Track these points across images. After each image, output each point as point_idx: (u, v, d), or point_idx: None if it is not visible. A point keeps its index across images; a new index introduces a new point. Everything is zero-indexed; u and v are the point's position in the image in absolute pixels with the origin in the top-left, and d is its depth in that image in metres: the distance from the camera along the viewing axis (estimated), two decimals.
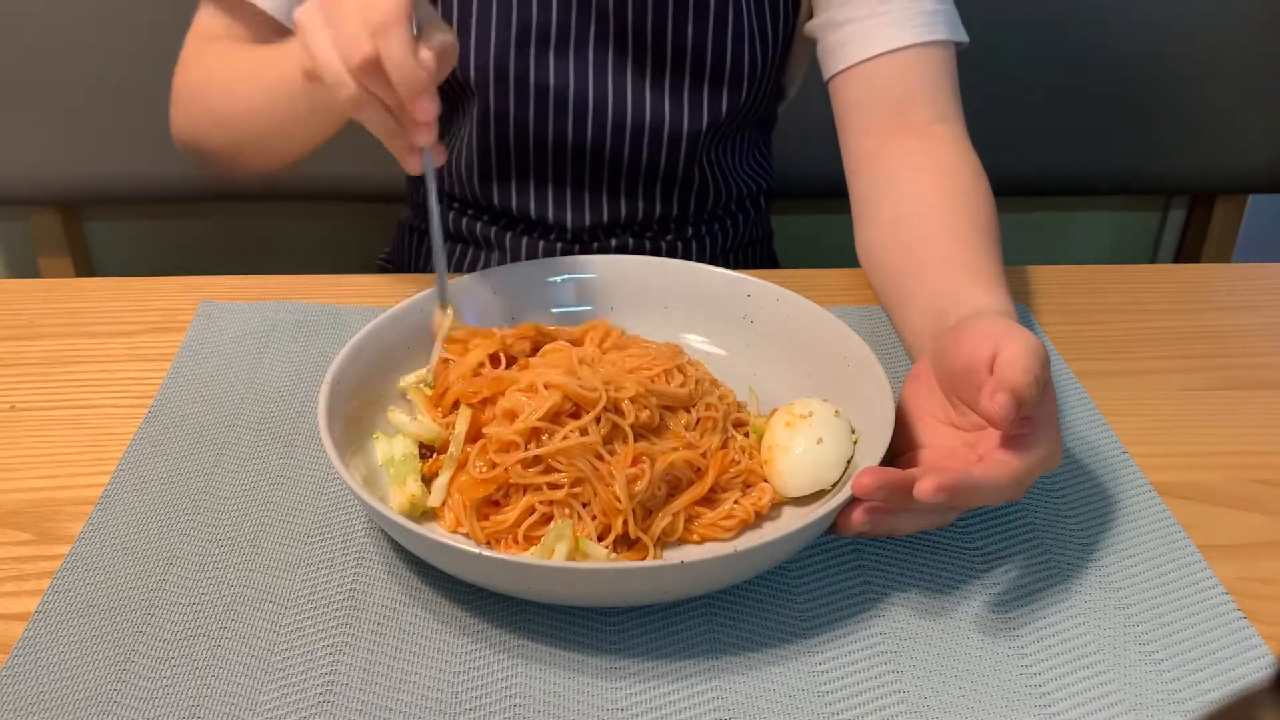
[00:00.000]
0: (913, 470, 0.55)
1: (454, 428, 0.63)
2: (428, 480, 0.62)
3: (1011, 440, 0.57)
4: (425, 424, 0.64)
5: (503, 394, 0.62)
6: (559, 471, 0.59)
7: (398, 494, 0.60)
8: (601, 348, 0.69)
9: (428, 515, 0.61)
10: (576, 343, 0.69)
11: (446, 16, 0.86)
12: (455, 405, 0.65)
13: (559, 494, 0.59)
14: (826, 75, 0.86)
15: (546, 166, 0.92)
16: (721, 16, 0.87)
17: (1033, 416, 0.57)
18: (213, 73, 0.84)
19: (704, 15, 0.87)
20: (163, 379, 0.74)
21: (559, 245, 0.95)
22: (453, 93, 0.91)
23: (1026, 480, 0.56)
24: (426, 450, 0.64)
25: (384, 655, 0.54)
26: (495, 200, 0.94)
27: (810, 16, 0.88)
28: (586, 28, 0.87)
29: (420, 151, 0.67)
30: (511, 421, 0.60)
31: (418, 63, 0.61)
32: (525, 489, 0.59)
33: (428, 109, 0.63)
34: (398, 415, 0.65)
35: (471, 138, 0.91)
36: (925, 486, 0.52)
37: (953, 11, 0.84)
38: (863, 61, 0.82)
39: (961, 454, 0.60)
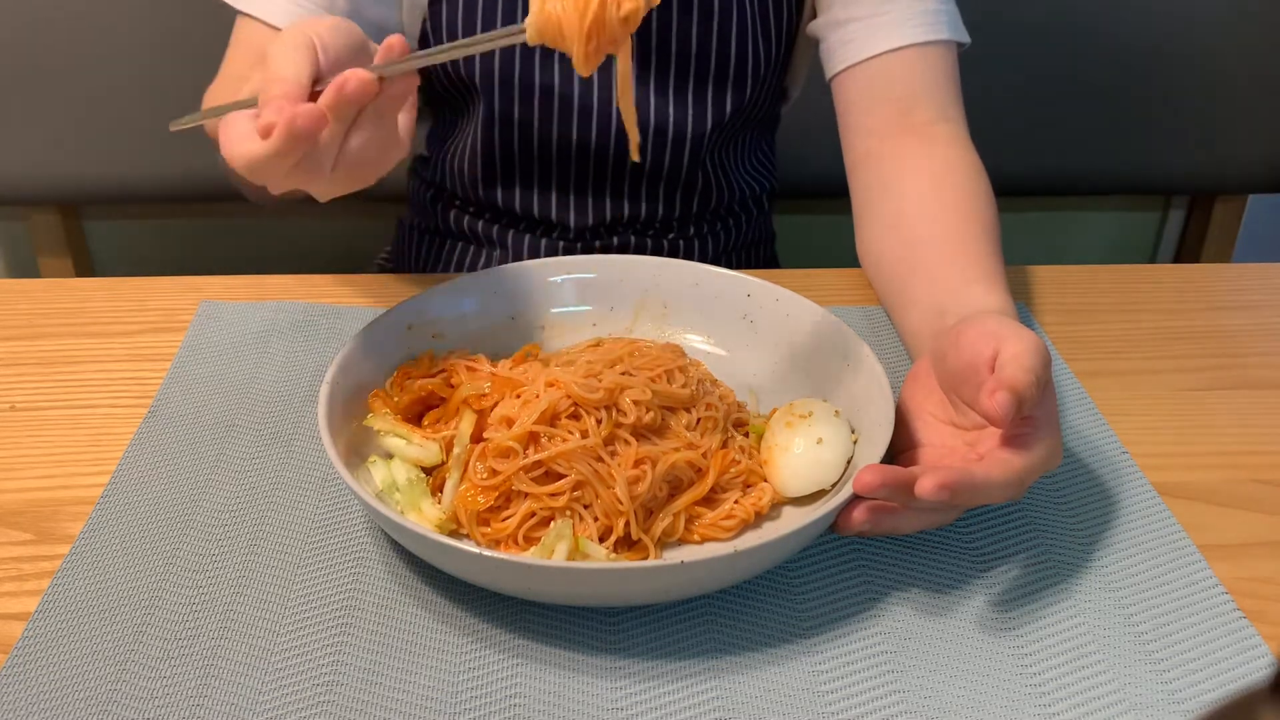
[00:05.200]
0: (914, 468, 0.55)
1: (457, 428, 0.63)
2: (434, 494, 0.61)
3: (1012, 439, 0.57)
4: (423, 447, 0.62)
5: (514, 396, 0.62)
6: (561, 476, 0.59)
7: (420, 522, 0.59)
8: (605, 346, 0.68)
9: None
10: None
11: (451, 18, 0.86)
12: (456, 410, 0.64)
13: (560, 501, 0.59)
14: (829, 74, 0.86)
15: (550, 167, 0.92)
16: (725, 17, 0.87)
17: (1033, 416, 0.57)
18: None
19: (708, 16, 0.87)
20: (162, 379, 0.73)
21: (561, 244, 0.95)
22: (457, 94, 0.91)
23: (1028, 479, 0.56)
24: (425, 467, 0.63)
25: (384, 655, 0.54)
26: (499, 200, 0.94)
27: (813, 16, 0.88)
28: None
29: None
30: (509, 427, 0.60)
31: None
32: (526, 495, 0.59)
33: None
34: (393, 440, 0.63)
35: (475, 139, 0.91)
36: (926, 485, 0.52)
37: (954, 11, 0.84)
38: (865, 60, 0.82)
39: (962, 453, 0.60)
